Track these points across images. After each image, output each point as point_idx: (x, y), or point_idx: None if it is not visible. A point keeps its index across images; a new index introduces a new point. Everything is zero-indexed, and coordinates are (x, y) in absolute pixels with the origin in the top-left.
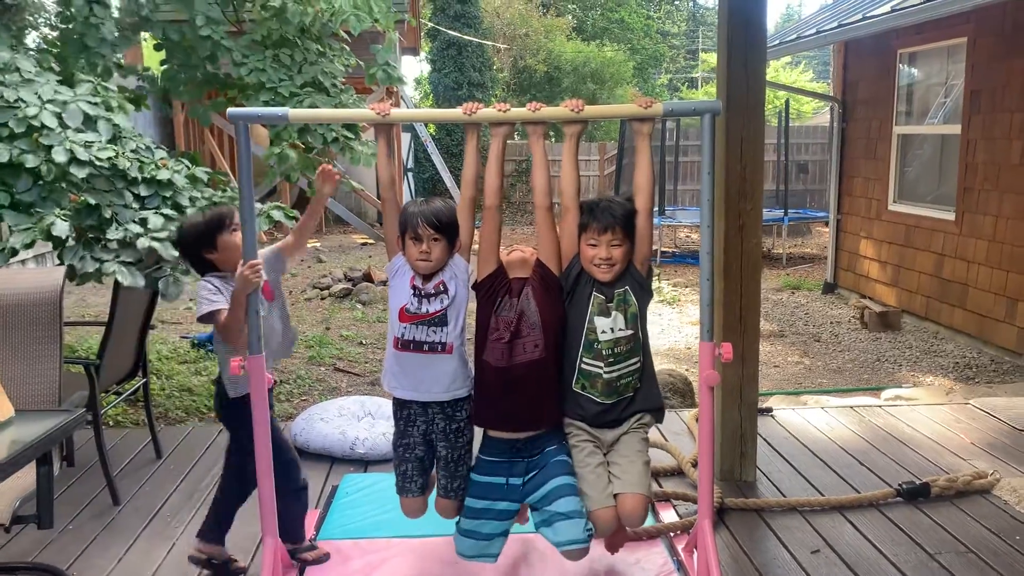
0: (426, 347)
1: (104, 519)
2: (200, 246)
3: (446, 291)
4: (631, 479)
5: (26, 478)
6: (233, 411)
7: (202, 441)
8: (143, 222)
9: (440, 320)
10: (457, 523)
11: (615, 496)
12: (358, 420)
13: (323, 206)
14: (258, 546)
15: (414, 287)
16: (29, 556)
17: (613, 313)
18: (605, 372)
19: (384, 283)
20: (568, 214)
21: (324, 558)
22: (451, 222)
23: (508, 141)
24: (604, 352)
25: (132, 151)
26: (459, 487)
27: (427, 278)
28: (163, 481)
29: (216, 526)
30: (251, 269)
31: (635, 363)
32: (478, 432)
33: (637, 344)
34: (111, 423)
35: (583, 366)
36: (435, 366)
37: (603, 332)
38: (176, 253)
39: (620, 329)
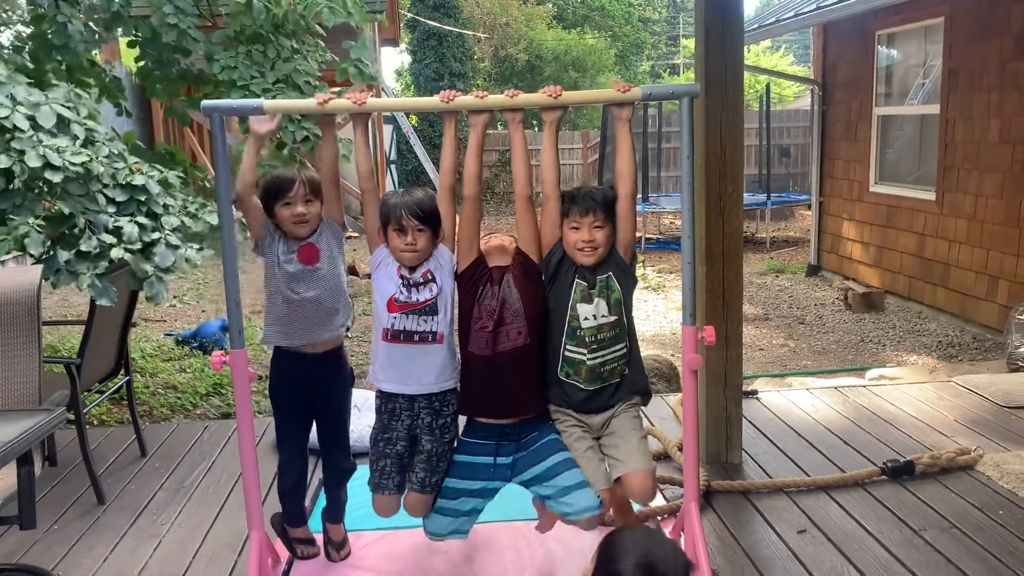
0: (417, 337)
1: (89, 518)
2: (266, 208)
3: (434, 279)
4: (634, 457)
5: (7, 479)
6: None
7: (187, 438)
8: (117, 231)
9: (431, 309)
10: (433, 504)
11: (620, 478)
12: None
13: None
14: (245, 540)
15: (402, 276)
16: (14, 557)
17: (596, 300)
18: (588, 359)
19: (368, 276)
20: (549, 202)
21: (314, 554)
22: (434, 212)
23: (490, 131)
24: (587, 339)
25: (106, 156)
26: (437, 483)
27: (414, 268)
28: (148, 479)
29: (288, 510)
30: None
31: (621, 349)
32: (461, 420)
33: (622, 330)
34: (95, 422)
35: (566, 353)
36: (426, 357)
37: (585, 319)
38: (148, 268)
39: (603, 316)
